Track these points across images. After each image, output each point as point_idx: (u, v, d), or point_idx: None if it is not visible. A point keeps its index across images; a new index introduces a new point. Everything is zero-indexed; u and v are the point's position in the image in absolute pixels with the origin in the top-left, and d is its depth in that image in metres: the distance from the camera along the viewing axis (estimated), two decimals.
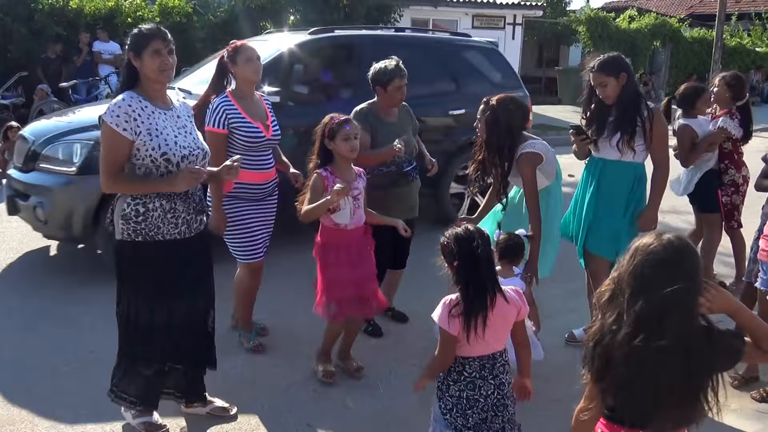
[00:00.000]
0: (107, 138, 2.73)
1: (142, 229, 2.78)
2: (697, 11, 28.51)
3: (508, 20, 18.15)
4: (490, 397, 2.43)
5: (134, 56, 2.76)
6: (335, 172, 3.37)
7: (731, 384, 3.72)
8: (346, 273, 3.40)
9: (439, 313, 2.43)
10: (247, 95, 3.71)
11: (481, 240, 2.41)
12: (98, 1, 12.73)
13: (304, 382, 3.64)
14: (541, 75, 24.58)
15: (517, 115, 3.56)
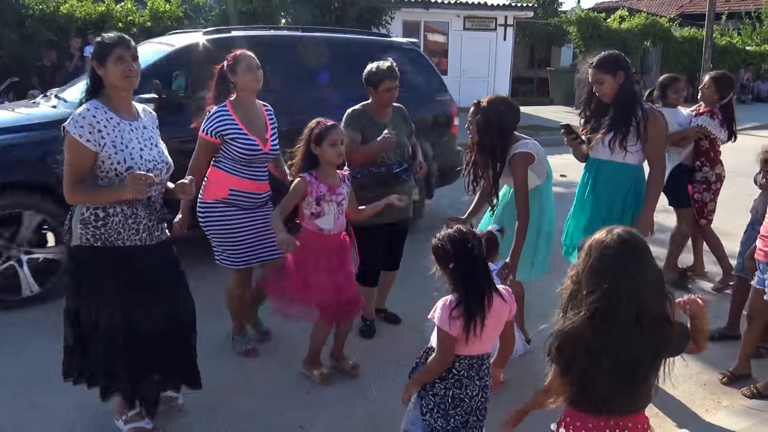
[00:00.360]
0: (70, 148, 2.69)
1: (102, 234, 2.75)
2: (687, 11, 28.68)
3: (500, 21, 18.22)
4: (474, 399, 2.43)
5: (98, 64, 2.75)
6: (320, 177, 3.37)
7: (721, 381, 3.75)
8: (326, 278, 3.40)
9: (438, 316, 2.41)
10: (248, 105, 3.65)
11: (475, 241, 2.41)
12: (89, 6, 12.73)
13: (297, 385, 3.64)
14: (533, 75, 24.66)
15: (508, 116, 3.54)
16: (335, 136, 3.32)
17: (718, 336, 4.27)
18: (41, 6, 12.24)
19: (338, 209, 3.40)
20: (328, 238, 3.42)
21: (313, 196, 3.33)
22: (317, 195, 3.33)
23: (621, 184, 3.72)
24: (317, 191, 3.33)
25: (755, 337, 3.73)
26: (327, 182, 3.36)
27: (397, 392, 3.51)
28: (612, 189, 3.74)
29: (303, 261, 3.39)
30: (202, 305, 4.59)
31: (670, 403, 3.53)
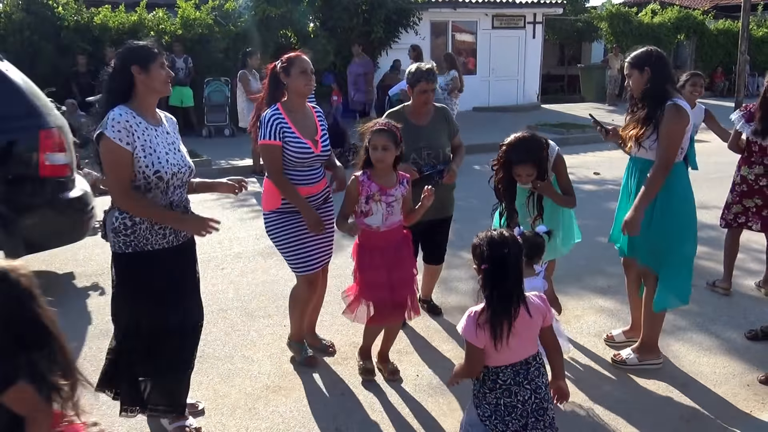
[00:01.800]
0: (111, 153, 2.73)
1: (131, 241, 2.83)
2: (721, 2, 27.97)
3: (528, 19, 18.03)
4: (528, 403, 2.41)
5: (140, 69, 2.80)
6: (372, 177, 3.40)
7: (759, 379, 3.64)
8: (381, 276, 3.42)
9: (464, 326, 2.40)
10: (299, 108, 3.62)
11: (513, 247, 2.37)
12: (122, 16, 12.97)
13: (331, 386, 3.65)
14: (563, 73, 24.41)
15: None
16: (375, 140, 3.34)
17: (761, 335, 4.16)
18: (76, 17, 12.51)
19: (387, 209, 3.41)
20: (379, 234, 3.43)
21: (363, 196, 3.38)
22: (367, 194, 3.38)
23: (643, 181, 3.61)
24: (367, 190, 3.37)
25: None
26: (379, 182, 3.39)
27: (433, 394, 3.54)
28: (637, 185, 3.67)
29: (360, 258, 3.48)
30: (240, 306, 4.68)
31: (712, 403, 3.45)
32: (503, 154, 3.61)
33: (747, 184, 4.79)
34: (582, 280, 5.13)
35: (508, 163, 3.58)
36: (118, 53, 2.90)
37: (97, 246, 6.19)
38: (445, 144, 4.21)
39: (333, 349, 4.08)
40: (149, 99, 2.88)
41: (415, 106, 4.16)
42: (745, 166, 4.80)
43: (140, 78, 2.81)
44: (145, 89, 2.84)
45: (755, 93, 20.81)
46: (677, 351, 4.04)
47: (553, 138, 4.42)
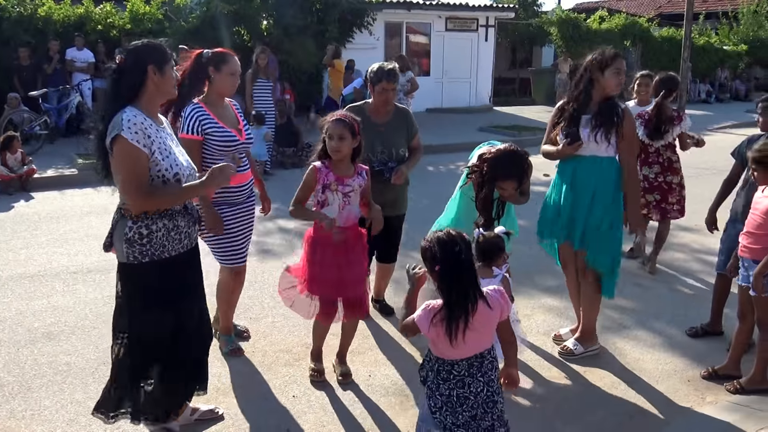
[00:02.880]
0: (129, 155, 2.61)
1: (148, 250, 2.72)
2: (665, 11, 29.00)
3: (481, 22, 18.25)
4: (479, 395, 2.44)
5: (155, 69, 2.71)
6: (331, 167, 3.40)
7: (702, 375, 3.79)
8: (330, 273, 3.41)
9: (419, 316, 2.42)
10: (218, 103, 3.70)
11: (463, 245, 2.40)
12: (67, 9, 12.58)
13: (283, 388, 3.62)
14: (514, 76, 24.79)
15: None
16: (331, 130, 3.35)
17: (701, 332, 4.32)
18: (18, 9, 12.07)
19: (344, 200, 3.40)
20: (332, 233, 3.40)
21: (320, 184, 3.37)
22: (324, 183, 3.37)
23: (607, 177, 3.81)
24: (325, 179, 3.37)
25: (746, 337, 3.76)
26: (337, 173, 3.39)
27: (385, 394, 3.55)
28: (596, 182, 3.79)
29: (311, 251, 3.45)
30: None
31: (654, 399, 3.56)
32: (489, 170, 3.51)
33: (648, 182, 5.41)
34: (531, 279, 5.22)
35: (493, 179, 3.51)
36: (130, 50, 2.77)
37: (40, 246, 5.99)
38: (400, 144, 4.25)
39: (248, 334, 4.17)
40: (157, 100, 2.80)
41: (376, 104, 4.23)
42: (645, 166, 5.42)
43: (154, 78, 2.72)
44: (156, 90, 2.75)
45: (696, 99, 21.61)
46: (622, 348, 4.16)
47: (504, 140, 4.48)
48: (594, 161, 3.80)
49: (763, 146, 3.47)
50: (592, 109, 3.79)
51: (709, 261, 5.66)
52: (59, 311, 4.58)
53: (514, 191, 3.55)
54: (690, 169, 9.93)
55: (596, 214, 3.79)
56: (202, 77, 3.63)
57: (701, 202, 7.74)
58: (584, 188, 3.83)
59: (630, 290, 5.11)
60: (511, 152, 3.53)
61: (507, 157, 3.50)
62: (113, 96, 2.74)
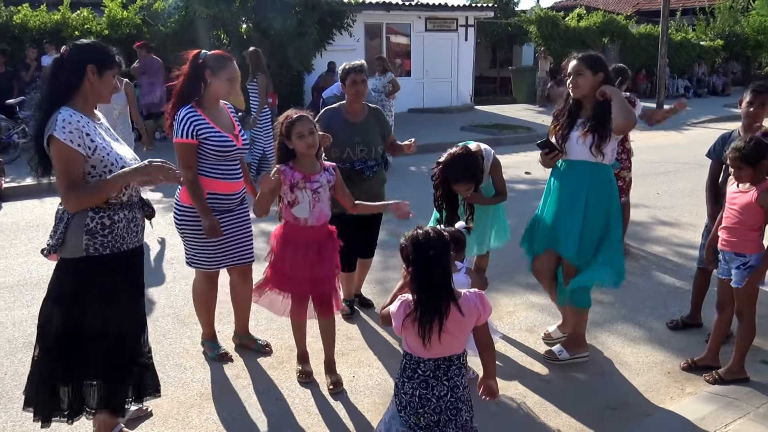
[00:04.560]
0: (62, 156, 2.60)
1: (109, 241, 2.71)
2: (643, 8, 29.27)
3: (461, 22, 18.33)
4: (442, 399, 2.41)
5: (96, 70, 2.69)
6: (295, 167, 3.38)
7: (681, 366, 3.84)
8: (302, 272, 3.41)
9: (394, 311, 2.42)
10: (213, 107, 3.64)
11: (439, 247, 2.36)
12: (44, 15, 12.46)
13: (266, 391, 3.61)
14: (495, 75, 24.94)
15: None
16: (300, 128, 3.31)
17: (681, 324, 4.37)
18: None
19: (314, 197, 3.39)
20: (305, 229, 3.41)
21: (287, 185, 3.35)
22: (291, 183, 3.35)
23: (597, 183, 3.69)
24: (291, 179, 3.35)
25: (724, 329, 3.81)
26: (303, 171, 3.38)
27: (369, 395, 3.56)
28: (587, 189, 3.68)
29: (281, 250, 3.44)
30: (177, 315, 4.58)
31: (635, 391, 3.61)
32: (440, 174, 3.73)
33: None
34: (514, 277, 5.26)
35: (446, 181, 3.72)
36: (75, 45, 2.75)
37: (19, 256, 5.93)
38: (377, 142, 4.34)
39: (269, 349, 4.07)
40: (91, 103, 2.78)
41: (349, 101, 4.32)
42: None
43: (91, 79, 2.70)
44: (91, 92, 2.73)
45: (674, 94, 21.85)
46: (603, 342, 4.20)
47: (486, 139, 4.54)
48: (584, 166, 3.68)
49: (740, 145, 3.46)
50: (585, 112, 3.69)
51: (689, 254, 5.75)
52: None
53: (469, 191, 3.72)
54: (668, 165, 10.12)
55: (592, 223, 3.68)
56: (200, 81, 3.55)
57: (681, 196, 7.90)
58: (574, 195, 3.70)
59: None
60: (461, 156, 3.68)
61: (457, 160, 3.68)
62: (49, 89, 2.71)
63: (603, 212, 3.71)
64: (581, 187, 3.68)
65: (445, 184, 3.76)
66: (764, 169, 3.44)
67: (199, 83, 3.55)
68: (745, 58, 26.60)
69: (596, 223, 3.69)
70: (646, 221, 7.00)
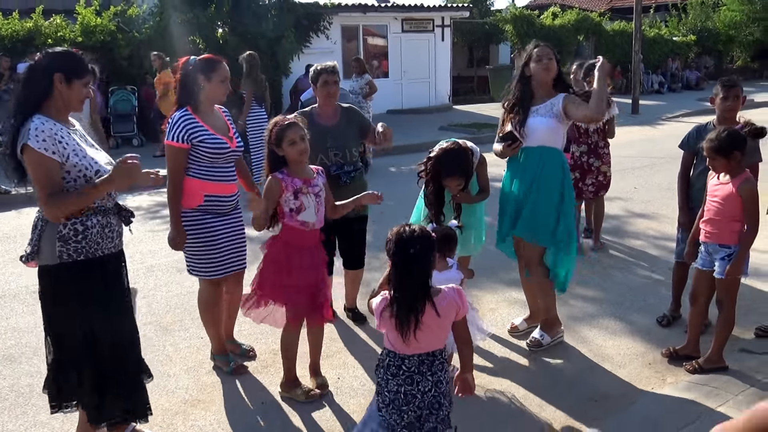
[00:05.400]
0: (39, 165, 2.59)
1: (83, 247, 2.69)
2: (616, 5, 29.61)
3: (437, 22, 18.42)
4: (426, 394, 2.43)
5: (63, 78, 2.67)
6: (291, 174, 3.33)
7: (662, 354, 3.90)
8: (311, 276, 3.37)
9: (377, 304, 2.45)
10: (208, 110, 3.62)
11: (422, 246, 2.37)
12: (16, 23, 12.30)
13: (252, 395, 3.60)
14: (473, 74, 25.05)
15: None
16: (292, 134, 3.27)
17: (671, 319, 4.40)
18: None
19: (317, 201, 3.36)
20: (311, 234, 3.36)
21: (290, 191, 3.28)
22: (294, 189, 3.28)
23: (555, 167, 3.88)
24: (293, 186, 3.28)
25: (700, 319, 3.88)
26: (301, 177, 3.34)
27: (354, 396, 3.57)
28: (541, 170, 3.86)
29: (285, 259, 3.32)
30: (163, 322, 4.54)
31: (618, 383, 3.65)
32: (432, 168, 3.71)
33: (573, 159, 5.72)
34: (496, 273, 5.29)
35: (437, 176, 3.69)
36: (46, 53, 2.72)
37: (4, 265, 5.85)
38: (352, 144, 4.23)
39: (253, 353, 4.06)
40: (64, 112, 2.76)
41: (321, 104, 4.23)
42: (574, 144, 5.76)
43: (59, 87, 2.68)
44: (61, 101, 2.71)
45: (649, 89, 22.12)
46: (585, 336, 4.25)
47: (464, 137, 4.56)
48: (541, 151, 3.86)
49: (717, 135, 3.54)
50: (539, 99, 3.88)
51: (667, 247, 5.82)
52: (19, 332, 4.48)
53: (458, 188, 3.70)
54: (644, 159, 10.26)
55: (546, 205, 3.85)
56: (194, 86, 3.55)
57: (658, 190, 8.01)
58: (531, 179, 3.88)
59: (591, 279, 5.23)
60: (453, 150, 3.69)
61: (448, 155, 3.68)
62: (19, 98, 2.69)
63: (558, 192, 3.88)
64: (537, 171, 3.86)
65: (436, 179, 3.73)
66: (737, 160, 3.50)
67: (193, 89, 3.56)
68: (717, 52, 27.08)
69: (553, 204, 3.86)
70: (623, 215, 7.09)
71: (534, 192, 3.86)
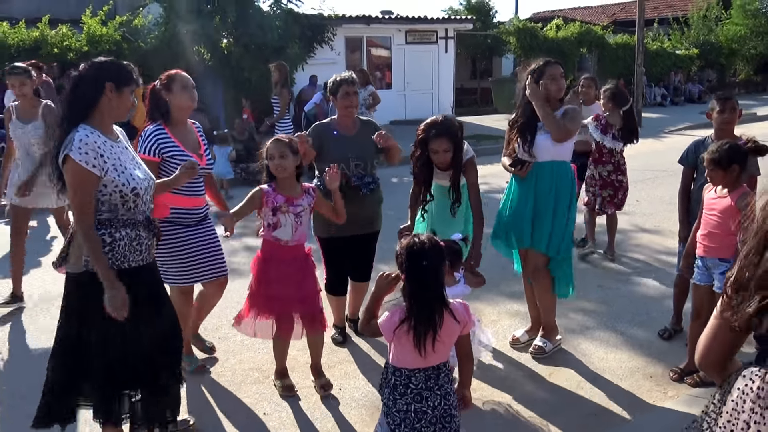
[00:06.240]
0: (77, 176, 2.63)
1: (110, 258, 2.72)
2: (619, 18, 29.75)
3: (440, 34, 18.51)
4: (437, 409, 2.43)
5: (113, 87, 2.72)
6: (278, 189, 3.46)
7: (672, 378, 3.86)
8: (290, 288, 3.44)
9: (383, 321, 2.43)
10: (181, 123, 3.74)
11: (434, 257, 2.38)
12: (22, 33, 12.39)
13: (253, 405, 3.61)
14: (476, 86, 25.12)
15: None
16: (272, 150, 3.45)
17: (673, 333, 4.39)
18: None
19: (296, 220, 3.46)
20: (287, 248, 3.47)
21: (269, 207, 3.41)
22: (273, 206, 3.41)
23: (563, 179, 3.99)
24: (273, 202, 3.41)
25: (702, 331, 3.85)
26: (285, 194, 3.45)
27: (355, 407, 3.57)
28: (556, 185, 3.96)
29: (264, 271, 3.46)
30: None
31: (619, 396, 3.65)
32: (421, 133, 3.80)
33: (602, 179, 6.00)
34: (497, 286, 5.30)
35: (425, 141, 3.76)
36: (93, 62, 2.78)
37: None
38: (372, 155, 4.26)
39: (214, 349, 4.23)
40: (109, 120, 2.80)
41: (341, 114, 4.24)
42: (600, 165, 6.00)
43: (110, 96, 2.72)
44: (109, 110, 2.75)
45: (652, 102, 22.15)
46: (586, 349, 4.25)
47: None
48: (552, 166, 3.96)
49: (718, 147, 3.56)
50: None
51: (669, 261, 5.82)
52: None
53: (447, 154, 3.73)
54: (647, 172, 10.27)
55: (561, 217, 3.97)
56: (160, 105, 3.70)
57: (660, 203, 8.02)
58: (546, 194, 3.96)
59: (593, 292, 5.23)
60: (440, 117, 3.83)
61: (435, 120, 3.80)
62: (68, 106, 2.75)
63: (567, 204, 4.00)
64: (551, 185, 3.96)
65: (422, 144, 3.80)
66: (735, 173, 3.52)
67: (159, 105, 3.70)
68: (720, 66, 27.13)
69: (564, 215, 4.00)
70: (626, 228, 7.10)
71: (549, 206, 3.95)
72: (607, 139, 5.88)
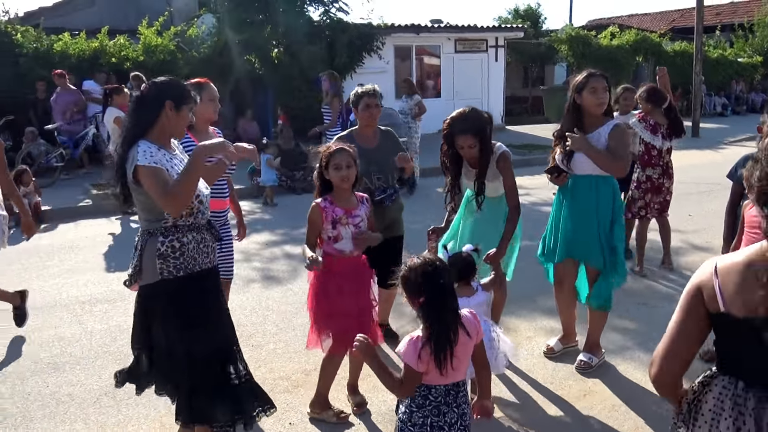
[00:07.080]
0: (151, 174, 2.68)
1: (182, 263, 2.79)
2: (678, 25, 28.89)
3: (491, 43, 18.36)
4: (454, 427, 2.38)
5: (172, 106, 2.81)
6: (335, 201, 3.37)
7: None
8: (350, 302, 3.36)
9: (403, 350, 2.37)
10: (203, 130, 3.80)
11: (447, 275, 2.36)
12: (82, 43, 12.90)
13: (280, 415, 3.61)
14: (527, 95, 24.82)
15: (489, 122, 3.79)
16: (338, 160, 3.32)
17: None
18: (35, 44, 12.42)
19: (356, 231, 3.39)
20: (348, 260, 3.39)
21: (329, 220, 3.33)
22: (333, 218, 3.33)
23: (604, 195, 3.91)
24: (333, 215, 3.33)
25: None
26: (342, 205, 3.37)
27: (381, 421, 3.54)
28: (595, 200, 3.90)
29: (325, 286, 3.36)
30: None
31: (656, 421, 3.50)
32: (446, 128, 3.76)
33: (651, 182, 5.83)
34: (535, 301, 5.19)
35: (451, 136, 3.73)
36: (154, 82, 2.89)
37: (51, 277, 6.08)
38: (393, 167, 4.24)
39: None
40: (167, 136, 2.89)
41: (361, 125, 4.27)
42: (649, 167, 5.82)
43: (169, 114, 2.81)
44: (168, 127, 2.84)
45: (711, 112, 21.41)
46: (624, 370, 4.11)
47: (516, 159, 4.54)
48: (590, 180, 3.90)
49: None
50: (589, 128, 3.91)
51: None
52: (65, 342, 4.65)
53: (472, 149, 3.68)
54: (702, 185, 9.89)
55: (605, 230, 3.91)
56: None
57: (715, 217, 7.68)
58: (585, 207, 3.92)
59: (636, 310, 5.06)
60: (465, 110, 3.76)
61: (460, 114, 3.75)
62: (131, 123, 2.85)
63: (609, 218, 3.92)
64: (591, 199, 3.89)
65: (449, 139, 3.76)
66: None
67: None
68: None
69: (606, 229, 3.91)
70: (676, 244, 6.82)
71: (591, 219, 3.90)
72: (657, 140, 5.74)
